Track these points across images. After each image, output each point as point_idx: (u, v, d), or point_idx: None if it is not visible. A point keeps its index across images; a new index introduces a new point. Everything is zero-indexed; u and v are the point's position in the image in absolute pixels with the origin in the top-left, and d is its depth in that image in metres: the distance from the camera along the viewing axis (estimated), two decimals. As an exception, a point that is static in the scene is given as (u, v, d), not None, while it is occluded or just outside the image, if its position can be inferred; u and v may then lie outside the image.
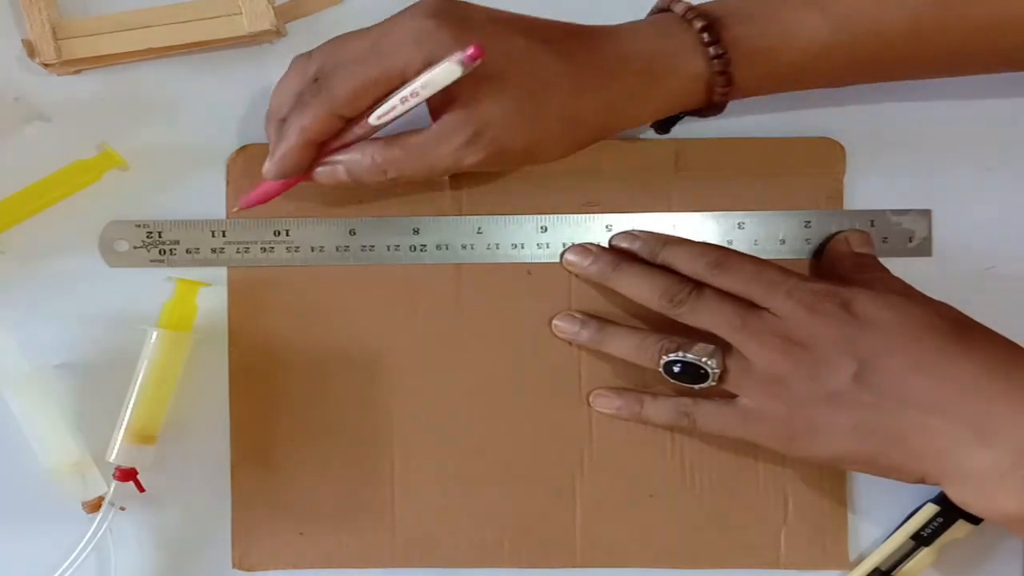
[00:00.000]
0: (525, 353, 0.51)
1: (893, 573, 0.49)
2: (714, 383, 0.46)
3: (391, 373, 0.51)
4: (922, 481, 0.44)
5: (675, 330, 0.48)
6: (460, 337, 0.51)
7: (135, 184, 0.52)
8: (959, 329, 0.45)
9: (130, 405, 0.49)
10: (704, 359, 0.46)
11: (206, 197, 0.52)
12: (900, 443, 0.44)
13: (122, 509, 0.50)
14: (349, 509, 0.51)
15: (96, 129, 0.52)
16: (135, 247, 0.51)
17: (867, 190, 0.52)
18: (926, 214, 0.51)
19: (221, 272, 0.52)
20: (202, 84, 0.53)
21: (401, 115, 0.44)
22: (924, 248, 0.52)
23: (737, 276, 0.47)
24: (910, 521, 0.49)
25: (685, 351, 0.46)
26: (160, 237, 0.51)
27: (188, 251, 0.51)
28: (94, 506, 0.49)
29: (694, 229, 0.51)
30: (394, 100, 0.44)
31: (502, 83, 0.44)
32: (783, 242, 0.51)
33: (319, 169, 0.46)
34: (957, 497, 0.44)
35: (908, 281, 0.48)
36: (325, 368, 0.51)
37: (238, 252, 0.51)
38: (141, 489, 0.49)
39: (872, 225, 0.51)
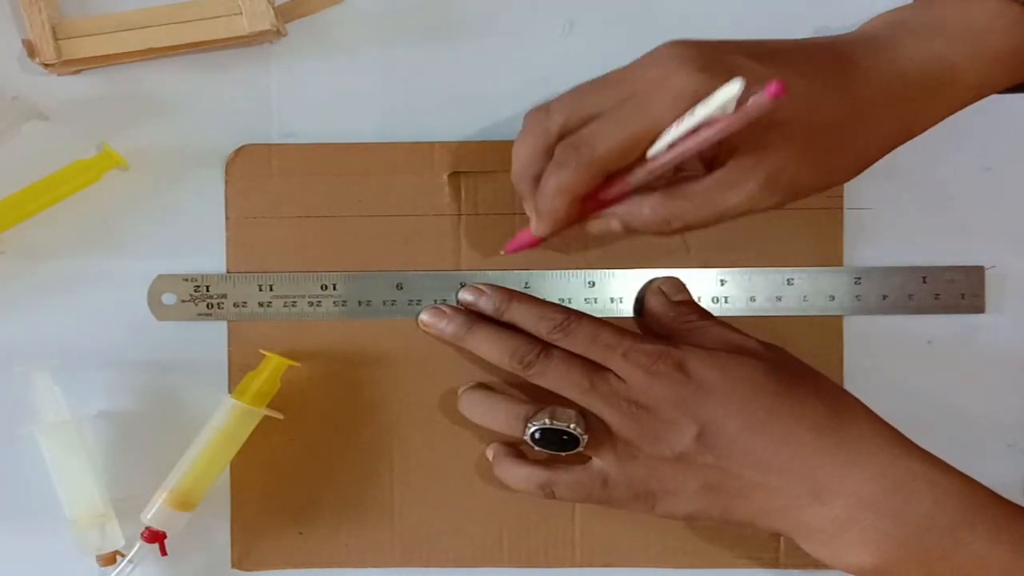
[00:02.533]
0: None
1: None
2: (583, 448, 0.46)
3: (391, 371, 0.51)
4: (778, 534, 0.45)
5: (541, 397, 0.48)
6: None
7: (135, 184, 0.52)
8: (787, 384, 0.45)
9: (182, 469, 0.49)
10: (571, 425, 0.46)
11: (206, 197, 0.52)
12: (746, 501, 0.45)
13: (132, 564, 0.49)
14: (349, 509, 0.51)
15: (96, 129, 0.52)
16: (183, 300, 0.51)
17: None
18: (979, 270, 0.52)
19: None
20: (202, 84, 0.53)
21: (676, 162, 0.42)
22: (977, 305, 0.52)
23: (577, 339, 0.47)
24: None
25: (548, 417, 0.46)
26: (208, 291, 0.51)
27: (236, 304, 0.51)
28: (108, 560, 0.49)
29: (743, 284, 0.51)
30: (675, 151, 0.41)
31: (786, 124, 0.42)
32: (832, 298, 0.51)
33: (593, 223, 0.46)
34: (811, 551, 0.45)
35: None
36: (324, 368, 0.51)
37: (285, 306, 0.51)
38: (164, 553, 0.48)
39: (924, 282, 0.51)
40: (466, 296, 0.50)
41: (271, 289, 0.51)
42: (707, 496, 0.45)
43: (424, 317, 0.51)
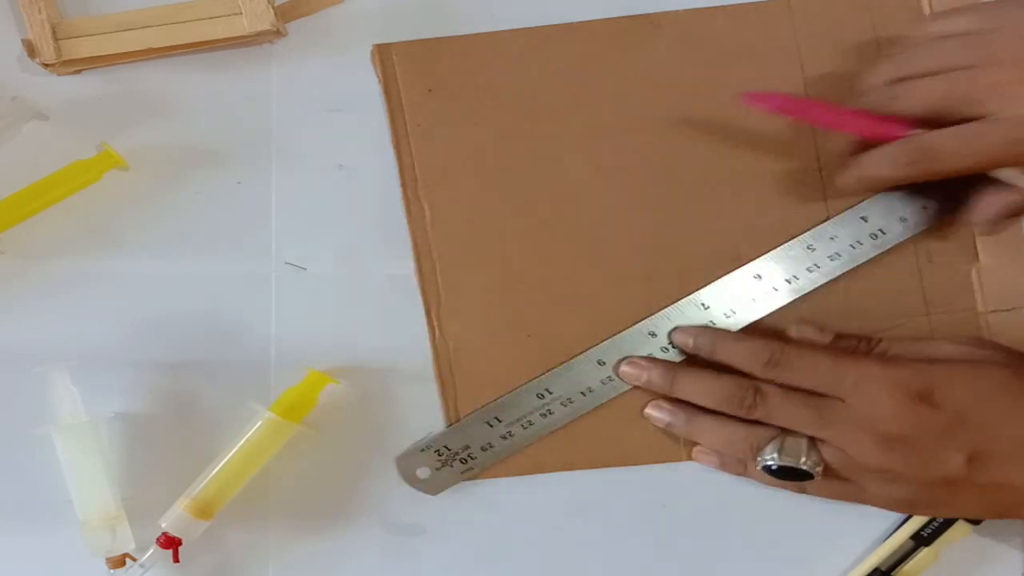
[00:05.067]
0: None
1: (893, 573, 0.49)
2: (820, 478, 0.46)
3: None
4: None
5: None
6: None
7: (135, 184, 0.52)
8: None
9: (208, 477, 0.48)
10: (802, 460, 0.45)
11: (207, 197, 0.52)
12: None
13: (143, 567, 0.48)
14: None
15: (96, 129, 0.52)
16: (436, 470, 0.51)
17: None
18: None
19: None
20: (202, 84, 0.53)
21: None
22: None
23: (795, 371, 0.46)
24: (910, 520, 0.49)
25: (777, 451, 0.46)
26: (449, 449, 0.50)
27: (482, 448, 0.50)
28: (117, 562, 0.48)
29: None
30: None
31: None
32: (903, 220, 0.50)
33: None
34: None
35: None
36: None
37: (523, 427, 0.50)
38: (177, 560, 0.48)
39: None
40: (675, 340, 0.50)
41: (499, 421, 0.50)
42: (984, 505, 0.45)
43: (624, 369, 0.50)
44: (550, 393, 0.50)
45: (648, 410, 0.50)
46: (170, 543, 0.48)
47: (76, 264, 0.52)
